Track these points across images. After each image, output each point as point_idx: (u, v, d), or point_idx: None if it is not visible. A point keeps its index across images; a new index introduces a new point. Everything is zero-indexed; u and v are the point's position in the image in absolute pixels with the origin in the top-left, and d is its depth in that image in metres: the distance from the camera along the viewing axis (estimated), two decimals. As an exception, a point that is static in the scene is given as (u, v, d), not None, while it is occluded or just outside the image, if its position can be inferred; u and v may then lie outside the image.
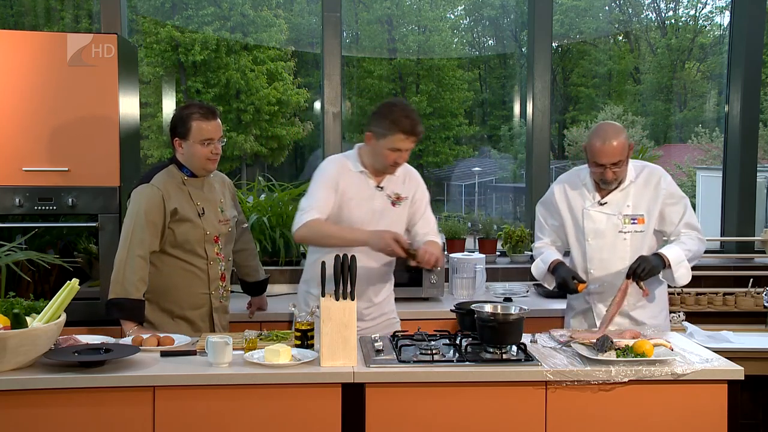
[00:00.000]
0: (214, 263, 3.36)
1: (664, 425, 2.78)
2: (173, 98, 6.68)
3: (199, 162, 3.29)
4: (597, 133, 3.27)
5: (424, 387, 2.74)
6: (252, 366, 2.73)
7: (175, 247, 3.29)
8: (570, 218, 3.49)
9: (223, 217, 3.42)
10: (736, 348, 3.70)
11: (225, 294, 3.47)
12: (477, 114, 7.92)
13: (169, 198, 3.23)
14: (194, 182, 3.35)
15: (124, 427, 2.65)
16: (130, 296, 3.16)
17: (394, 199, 3.32)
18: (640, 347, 2.85)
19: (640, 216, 3.38)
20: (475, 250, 5.00)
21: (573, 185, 3.49)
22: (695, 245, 3.34)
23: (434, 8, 7.67)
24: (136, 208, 3.23)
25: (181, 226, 3.26)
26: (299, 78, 7.40)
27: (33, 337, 2.61)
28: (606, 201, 3.40)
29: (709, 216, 6.08)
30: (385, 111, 3.17)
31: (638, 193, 3.39)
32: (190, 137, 3.25)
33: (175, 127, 3.29)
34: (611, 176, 3.29)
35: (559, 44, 7.55)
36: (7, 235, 3.65)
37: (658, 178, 3.39)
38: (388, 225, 3.24)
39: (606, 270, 3.41)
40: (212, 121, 3.26)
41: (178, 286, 3.32)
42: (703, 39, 7.69)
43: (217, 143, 3.29)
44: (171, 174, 3.31)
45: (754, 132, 5.10)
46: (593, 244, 3.42)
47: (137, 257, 3.16)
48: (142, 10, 6.80)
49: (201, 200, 3.33)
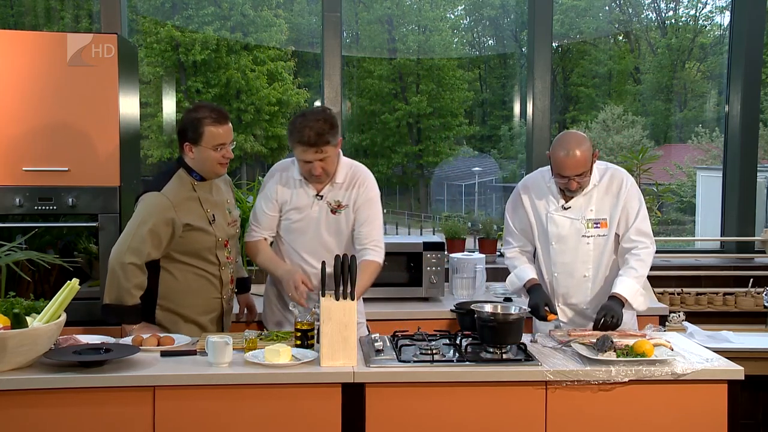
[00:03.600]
0: (225, 268, 3.36)
1: (664, 425, 2.78)
2: (173, 98, 6.68)
3: (210, 166, 3.25)
4: (560, 143, 3.26)
5: (424, 387, 2.74)
6: (252, 366, 2.73)
7: (189, 255, 3.26)
8: (535, 221, 3.50)
9: (231, 218, 3.42)
10: (736, 348, 3.70)
11: (232, 296, 3.48)
12: (477, 114, 7.91)
13: (180, 213, 3.18)
14: (203, 186, 3.31)
15: (124, 427, 2.65)
16: (125, 303, 3.13)
17: (334, 207, 3.33)
18: (640, 347, 2.85)
19: (603, 220, 3.39)
20: (475, 250, 5.00)
21: (538, 188, 3.49)
22: (642, 266, 3.32)
23: (434, 8, 7.67)
24: (141, 216, 3.16)
25: (194, 236, 3.23)
26: (299, 78, 7.40)
27: (33, 337, 2.61)
28: (569, 206, 3.41)
29: (709, 216, 6.07)
30: (290, 123, 3.25)
31: (601, 197, 3.39)
32: (202, 142, 3.19)
33: (185, 131, 3.22)
34: (575, 186, 3.30)
35: (559, 44, 7.54)
36: (7, 235, 3.64)
37: (620, 180, 3.39)
38: (330, 233, 3.33)
39: (569, 274, 3.43)
40: (225, 125, 3.23)
41: (194, 291, 3.30)
42: (703, 39, 7.68)
43: (229, 147, 3.26)
44: (181, 180, 3.25)
45: (754, 132, 5.10)
46: (557, 248, 3.44)
47: (129, 265, 3.11)
48: (142, 10, 6.80)
49: (211, 206, 3.31)
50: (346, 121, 5.61)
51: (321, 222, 3.32)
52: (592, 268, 3.41)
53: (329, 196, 3.33)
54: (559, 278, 3.46)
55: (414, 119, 7.68)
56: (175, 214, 3.17)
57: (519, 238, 3.58)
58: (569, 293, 3.45)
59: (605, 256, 3.40)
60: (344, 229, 3.35)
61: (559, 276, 3.46)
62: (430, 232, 5.17)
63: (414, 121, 7.70)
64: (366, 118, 7.50)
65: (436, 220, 7.41)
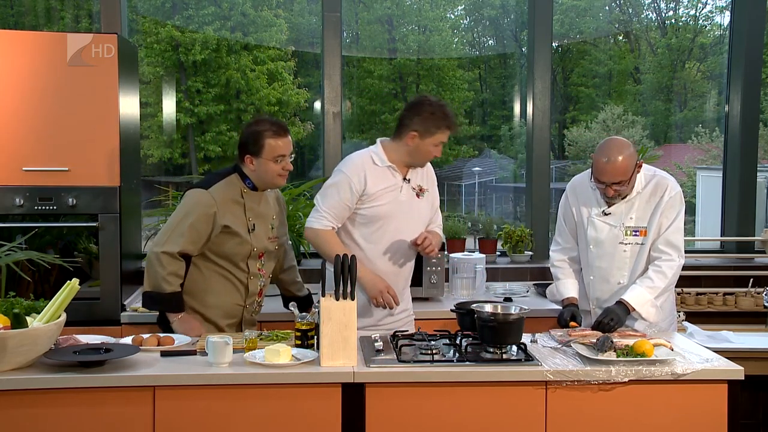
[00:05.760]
0: (254, 278, 3.36)
1: (664, 425, 2.78)
2: (173, 98, 6.67)
3: (270, 178, 3.28)
4: (603, 149, 3.25)
5: (424, 387, 2.74)
6: (252, 366, 2.73)
7: (219, 257, 3.29)
8: (579, 223, 3.50)
9: (273, 234, 3.41)
10: (736, 348, 3.70)
11: (257, 309, 3.48)
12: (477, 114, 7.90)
13: (222, 213, 3.22)
14: (253, 196, 3.33)
15: (124, 427, 2.65)
16: (163, 291, 3.19)
17: (418, 191, 3.38)
18: (640, 347, 2.85)
19: (643, 228, 3.36)
20: (475, 250, 5.00)
21: (584, 190, 3.48)
22: (661, 278, 3.28)
23: (434, 8, 7.66)
24: (184, 210, 3.23)
25: (230, 240, 3.26)
26: (299, 78, 7.39)
27: (33, 337, 2.61)
28: (610, 211, 3.39)
29: (709, 216, 6.07)
30: (428, 110, 3.28)
31: (643, 205, 3.36)
32: (263, 155, 3.23)
33: (246, 144, 3.27)
34: (612, 193, 3.27)
35: (559, 44, 7.54)
36: (7, 235, 3.64)
37: (664, 188, 3.34)
38: (414, 217, 3.35)
39: (604, 279, 3.43)
40: (284, 138, 3.27)
41: (215, 292, 3.32)
42: (703, 39, 7.68)
43: (288, 159, 3.29)
44: (231, 184, 3.29)
45: (754, 132, 5.10)
46: (594, 252, 3.43)
47: (163, 254, 3.18)
48: (142, 10, 6.79)
49: (254, 216, 3.32)
50: (346, 121, 5.61)
51: (410, 205, 3.35)
52: (628, 276, 3.39)
53: (413, 181, 3.38)
54: (594, 283, 3.46)
55: (414, 119, 7.65)
56: (216, 214, 3.21)
57: (568, 238, 3.57)
58: (603, 298, 3.43)
59: (641, 264, 3.36)
60: (425, 214, 3.42)
61: (595, 280, 3.45)
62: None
63: (414, 122, 7.67)
64: (366, 118, 7.49)
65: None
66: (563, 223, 3.59)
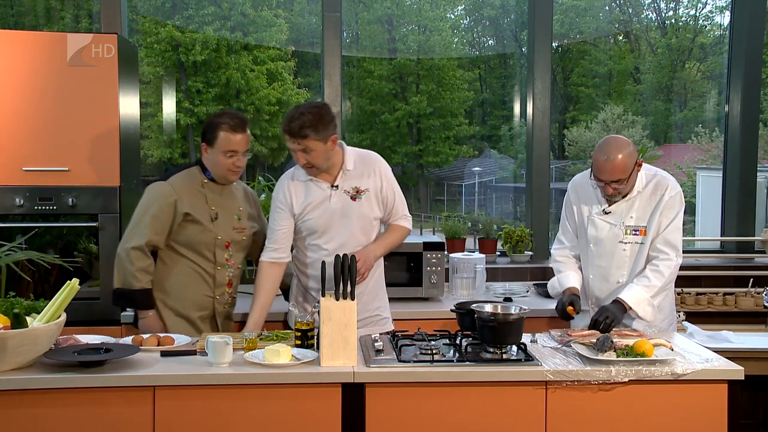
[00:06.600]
0: (222, 268, 3.37)
1: (664, 425, 2.78)
2: (173, 98, 6.68)
3: (220, 171, 3.33)
4: (602, 147, 3.25)
5: (424, 387, 2.74)
6: (252, 366, 2.73)
7: (184, 246, 3.33)
8: (580, 222, 3.50)
9: (239, 225, 3.42)
10: (736, 348, 3.70)
11: (230, 300, 3.48)
12: (477, 114, 7.91)
13: (181, 201, 3.27)
14: (214, 187, 3.37)
15: (124, 427, 2.65)
16: (131, 287, 3.22)
17: (353, 194, 3.32)
18: (640, 347, 2.85)
19: (642, 227, 3.36)
20: (475, 250, 5.00)
21: (585, 189, 3.48)
22: (657, 277, 3.27)
23: (434, 8, 7.67)
24: (145, 204, 3.30)
25: (192, 228, 3.29)
26: (299, 78, 7.39)
27: (33, 337, 2.61)
28: (610, 210, 3.39)
29: (709, 216, 6.07)
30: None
31: (643, 204, 3.36)
32: (216, 146, 3.27)
33: (204, 132, 3.32)
34: (611, 192, 3.28)
35: (559, 44, 7.54)
36: (7, 235, 3.65)
37: (664, 188, 3.34)
38: (354, 219, 3.29)
39: (603, 278, 3.43)
40: (239, 134, 3.28)
41: (183, 284, 3.34)
42: (703, 39, 7.68)
43: (242, 156, 3.30)
44: (191, 175, 3.36)
45: (754, 132, 5.10)
46: (594, 251, 3.43)
47: (132, 249, 3.22)
48: (142, 10, 6.80)
49: (216, 205, 3.35)
50: (346, 121, 5.61)
51: (344, 211, 3.30)
52: (627, 275, 3.39)
53: (345, 185, 3.32)
54: (593, 281, 3.46)
55: (414, 119, 7.68)
56: (176, 202, 3.26)
57: (572, 237, 3.57)
58: (602, 297, 3.43)
59: (641, 264, 3.36)
60: (368, 214, 3.33)
61: (594, 279, 3.45)
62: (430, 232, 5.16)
63: (414, 121, 7.69)
64: (366, 118, 7.49)
65: (436, 220, 7.42)
66: (566, 222, 3.59)
